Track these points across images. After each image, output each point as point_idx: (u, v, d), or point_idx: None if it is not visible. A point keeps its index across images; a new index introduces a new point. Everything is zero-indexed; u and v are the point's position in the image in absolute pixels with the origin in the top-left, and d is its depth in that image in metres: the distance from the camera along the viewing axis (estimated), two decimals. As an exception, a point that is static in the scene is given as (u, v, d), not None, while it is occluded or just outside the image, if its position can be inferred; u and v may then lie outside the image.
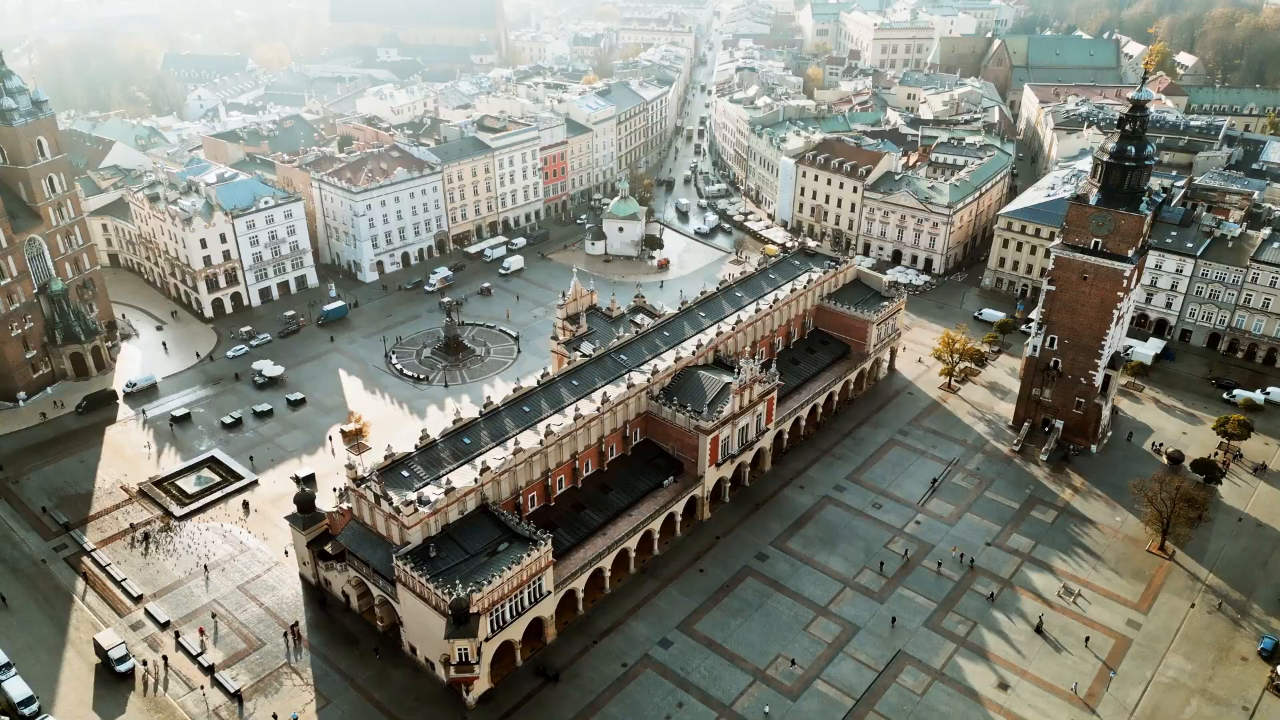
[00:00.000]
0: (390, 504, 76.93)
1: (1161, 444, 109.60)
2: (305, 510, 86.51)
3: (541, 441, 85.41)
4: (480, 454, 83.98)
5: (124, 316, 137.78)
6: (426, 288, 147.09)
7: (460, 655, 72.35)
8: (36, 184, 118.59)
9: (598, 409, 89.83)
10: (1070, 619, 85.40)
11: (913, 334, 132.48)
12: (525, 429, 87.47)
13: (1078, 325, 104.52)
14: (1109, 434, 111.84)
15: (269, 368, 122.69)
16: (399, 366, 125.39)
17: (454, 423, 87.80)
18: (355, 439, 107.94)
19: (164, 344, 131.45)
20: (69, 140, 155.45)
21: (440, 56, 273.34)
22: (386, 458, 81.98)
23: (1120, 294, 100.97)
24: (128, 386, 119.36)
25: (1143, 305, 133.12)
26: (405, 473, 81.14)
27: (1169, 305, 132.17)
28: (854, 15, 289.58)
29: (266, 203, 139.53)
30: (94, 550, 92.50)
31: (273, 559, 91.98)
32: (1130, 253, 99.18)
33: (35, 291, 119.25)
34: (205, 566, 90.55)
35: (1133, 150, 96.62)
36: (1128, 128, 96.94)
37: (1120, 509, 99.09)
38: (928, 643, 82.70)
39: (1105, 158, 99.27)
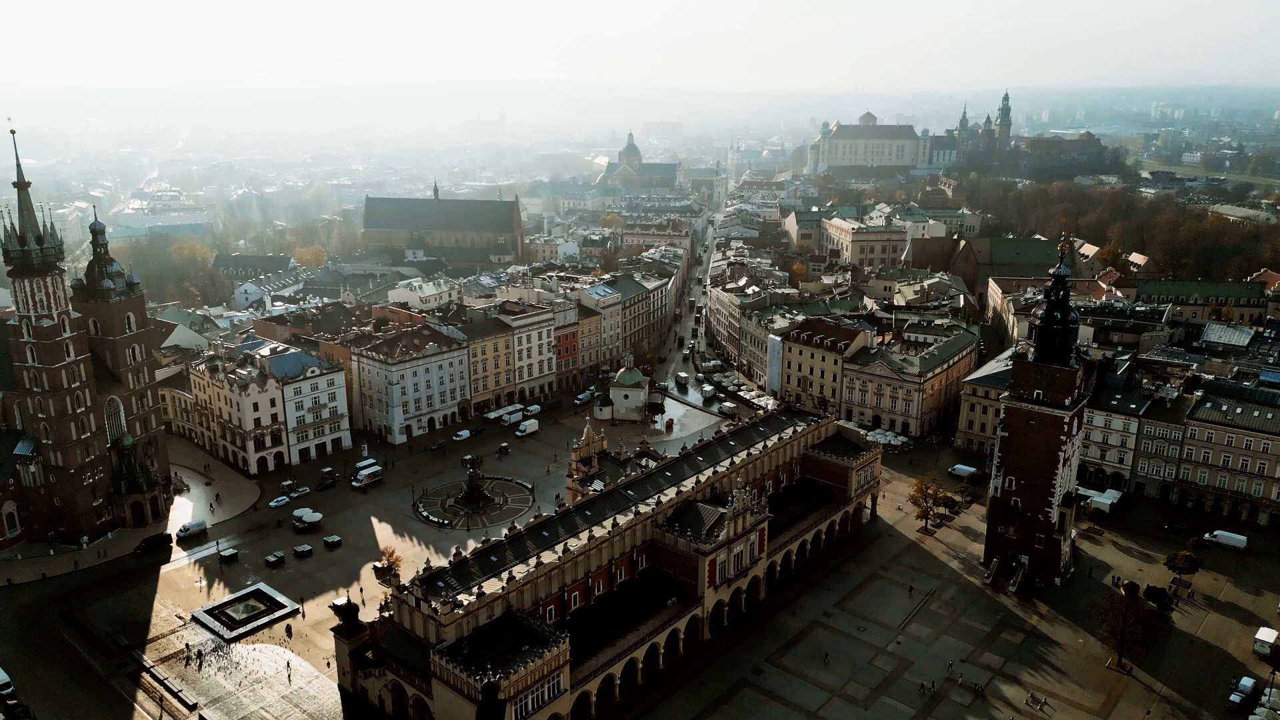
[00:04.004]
0: (429, 605, 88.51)
1: (1119, 577, 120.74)
2: (348, 620, 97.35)
3: (560, 558, 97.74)
4: (506, 568, 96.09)
5: (176, 474, 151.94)
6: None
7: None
8: (121, 352, 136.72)
9: (609, 532, 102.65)
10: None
11: (893, 486, 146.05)
12: (545, 549, 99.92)
13: (1030, 467, 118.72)
14: (1072, 569, 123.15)
15: (309, 514, 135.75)
16: (425, 514, 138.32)
17: (483, 543, 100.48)
18: (388, 574, 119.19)
19: (216, 495, 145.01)
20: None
21: (462, 257, 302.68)
22: (424, 570, 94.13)
23: (1063, 438, 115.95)
24: (181, 531, 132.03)
25: (1098, 461, 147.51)
26: (440, 583, 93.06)
27: (1121, 461, 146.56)
28: (834, 221, 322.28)
29: (313, 372, 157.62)
30: (152, 667, 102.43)
31: (313, 673, 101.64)
32: (1067, 401, 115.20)
33: (109, 446, 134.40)
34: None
35: (1058, 315, 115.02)
36: (1053, 297, 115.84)
37: (1082, 632, 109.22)
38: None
39: (1038, 322, 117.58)
